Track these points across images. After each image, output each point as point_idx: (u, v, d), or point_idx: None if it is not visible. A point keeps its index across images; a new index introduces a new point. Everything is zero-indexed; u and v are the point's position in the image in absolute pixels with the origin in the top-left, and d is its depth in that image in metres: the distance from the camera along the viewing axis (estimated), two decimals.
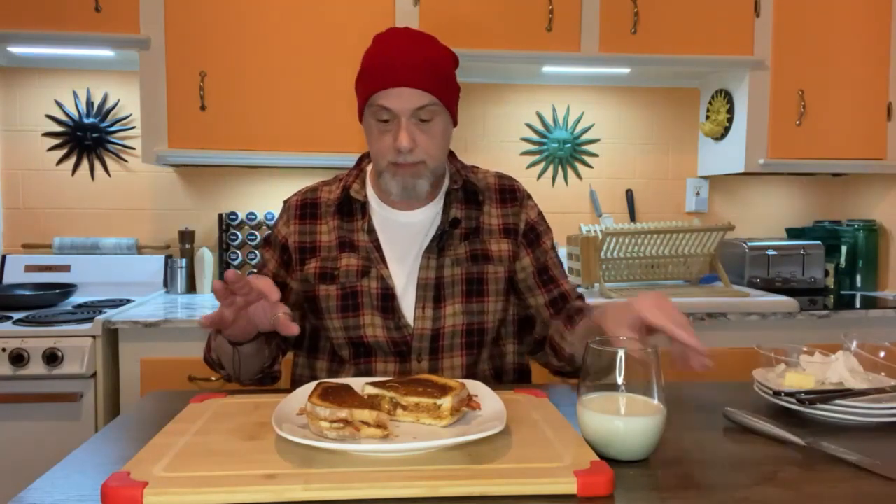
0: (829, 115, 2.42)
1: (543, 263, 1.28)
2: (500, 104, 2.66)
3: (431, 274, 1.20)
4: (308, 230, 1.26)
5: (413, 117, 1.14)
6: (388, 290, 1.19)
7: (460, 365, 1.21)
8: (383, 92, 1.13)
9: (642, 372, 0.79)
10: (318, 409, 0.79)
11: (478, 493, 0.68)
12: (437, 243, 1.21)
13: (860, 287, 2.58)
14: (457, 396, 0.85)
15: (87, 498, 0.69)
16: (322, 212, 1.27)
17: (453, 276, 1.21)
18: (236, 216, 2.49)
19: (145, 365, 1.96)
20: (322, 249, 1.24)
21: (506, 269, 1.24)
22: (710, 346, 0.91)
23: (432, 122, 1.16)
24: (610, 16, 2.29)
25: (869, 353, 1.05)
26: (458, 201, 1.26)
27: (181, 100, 2.19)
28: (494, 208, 1.28)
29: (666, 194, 2.75)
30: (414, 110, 1.13)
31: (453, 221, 1.23)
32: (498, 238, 1.26)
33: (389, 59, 1.13)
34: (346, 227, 1.24)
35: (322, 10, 2.20)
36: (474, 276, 1.22)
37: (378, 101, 1.14)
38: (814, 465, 0.78)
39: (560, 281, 1.28)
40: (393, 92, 1.12)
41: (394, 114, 1.13)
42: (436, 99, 1.14)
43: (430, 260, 1.21)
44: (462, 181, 1.26)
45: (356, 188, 1.25)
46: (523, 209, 1.30)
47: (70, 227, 2.50)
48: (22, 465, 1.84)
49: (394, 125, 1.14)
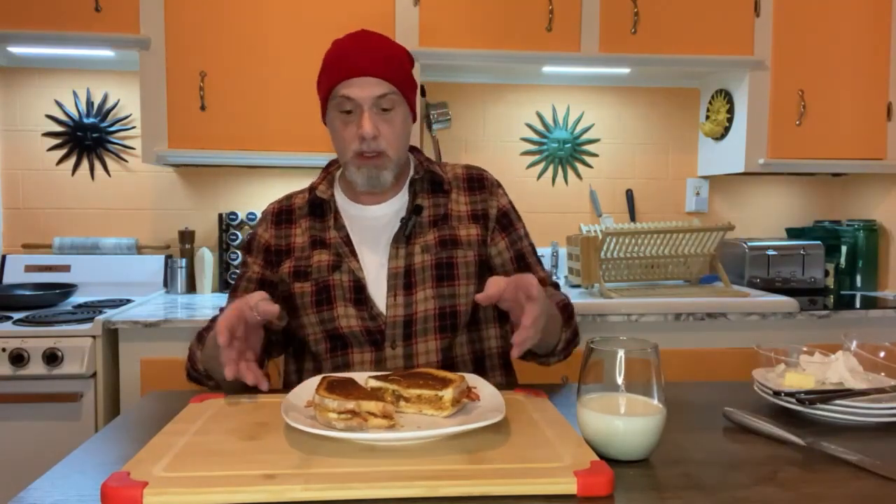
0: (829, 115, 2.42)
1: (520, 250, 1.30)
2: (500, 104, 2.66)
3: (401, 263, 1.23)
4: (283, 234, 1.31)
5: (374, 107, 1.18)
6: (359, 281, 1.22)
7: (435, 349, 1.22)
8: (345, 82, 1.18)
9: (642, 372, 0.79)
10: (327, 401, 0.82)
11: (478, 493, 0.68)
12: (403, 231, 1.24)
13: (860, 287, 2.58)
14: (457, 388, 0.88)
15: (87, 498, 0.69)
16: (296, 216, 1.32)
17: (423, 262, 1.24)
18: (236, 216, 2.49)
19: (145, 365, 1.96)
20: (296, 250, 1.28)
21: (475, 252, 1.26)
22: (710, 346, 0.91)
23: (393, 111, 1.20)
24: (610, 16, 2.29)
25: (869, 353, 1.05)
26: (424, 191, 1.30)
27: (181, 100, 2.19)
28: (462, 195, 1.31)
29: (666, 194, 2.75)
30: (375, 98, 1.18)
31: (416, 208, 1.26)
32: (467, 224, 1.28)
33: (349, 52, 1.19)
34: (317, 226, 1.29)
35: (322, 10, 2.20)
36: (444, 260, 1.24)
37: (340, 91, 1.19)
38: (814, 465, 0.78)
39: (535, 268, 1.31)
40: (355, 81, 1.18)
41: (356, 103, 1.18)
42: (395, 88, 1.19)
43: (399, 249, 1.24)
44: (424, 171, 1.30)
45: (322, 188, 1.30)
46: (493, 196, 1.32)
47: (70, 227, 2.50)
48: (22, 465, 1.84)
49: (356, 116, 1.19)
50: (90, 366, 1.86)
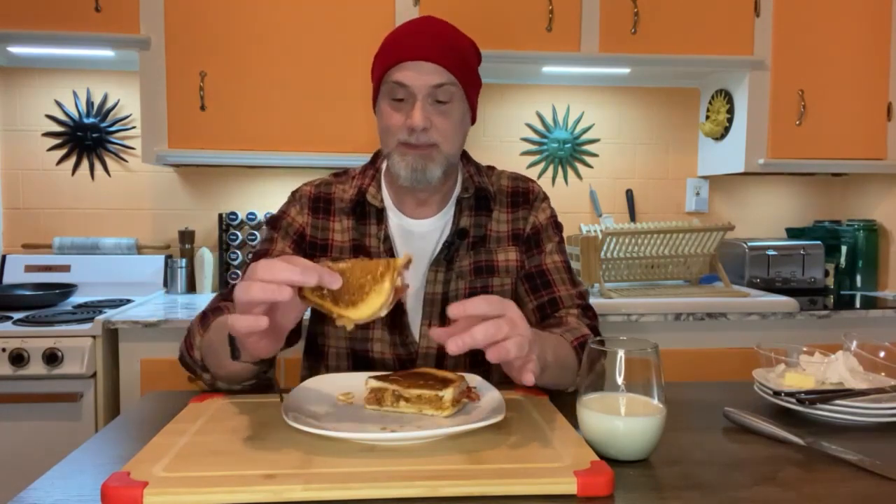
0: (829, 115, 2.42)
1: (539, 268, 1.21)
2: (500, 104, 2.66)
3: (438, 289, 1.16)
4: (321, 225, 1.19)
5: (430, 97, 1.07)
6: (399, 304, 1.11)
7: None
8: (400, 65, 1.06)
9: (642, 372, 0.79)
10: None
11: (478, 493, 0.68)
12: (444, 255, 1.16)
13: (860, 287, 2.58)
14: (457, 388, 0.88)
15: (87, 498, 0.69)
16: (336, 208, 1.20)
17: (458, 290, 1.16)
18: (236, 216, 2.49)
19: (145, 365, 1.96)
20: (334, 249, 1.18)
21: (512, 279, 1.19)
22: (710, 346, 0.91)
23: (450, 104, 1.08)
24: (610, 16, 2.29)
25: (869, 353, 1.05)
26: (469, 209, 1.20)
27: (181, 100, 2.19)
28: (504, 213, 1.22)
29: (666, 194, 2.75)
30: (431, 88, 1.06)
31: (460, 232, 1.18)
32: (506, 247, 1.20)
33: (410, 33, 1.08)
34: (359, 229, 1.18)
35: (322, 9, 2.20)
36: (478, 290, 1.16)
37: (394, 76, 1.07)
38: (814, 465, 0.78)
39: (556, 287, 1.19)
40: (410, 65, 1.06)
41: (409, 91, 1.07)
42: (455, 79, 1.07)
43: (438, 273, 1.16)
44: (474, 188, 1.20)
45: (373, 192, 1.19)
46: (532, 212, 1.23)
47: (70, 227, 2.50)
48: (22, 465, 1.84)
49: (408, 104, 1.08)
50: (90, 366, 1.85)
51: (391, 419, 0.86)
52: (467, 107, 1.12)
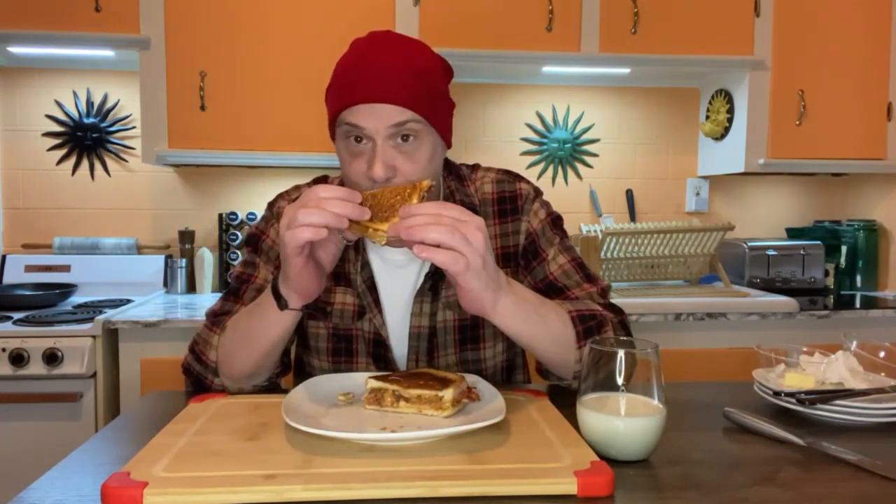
0: (829, 115, 2.42)
1: (546, 280, 1.10)
2: (500, 104, 2.66)
3: (424, 322, 1.08)
4: None
5: (391, 138, 0.95)
6: (381, 338, 1.09)
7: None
8: (353, 108, 0.95)
9: (642, 372, 0.79)
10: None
11: (478, 493, 0.68)
12: (428, 286, 1.08)
13: (860, 287, 2.58)
14: (457, 388, 0.88)
15: (87, 498, 0.69)
16: None
17: (445, 322, 1.09)
18: (236, 216, 2.49)
19: (145, 365, 1.96)
20: None
21: None
22: (710, 346, 0.91)
23: (416, 141, 0.97)
24: (610, 16, 2.29)
25: (869, 353, 1.05)
26: None
27: (181, 100, 2.19)
28: (492, 225, 1.12)
29: (666, 194, 2.75)
30: (390, 128, 0.94)
31: None
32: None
33: (361, 69, 0.95)
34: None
35: (322, 9, 2.20)
36: (467, 321, 1.09)
37: (347, 118, 0.96)
38: (814, 465, 0.78)
39: (570, 292, 1.08)
40: (364, 108, 0.94)
41: (367, 134, 0.95)
42: (419, 116, 0.95)
43: (424, 305, 1.08)
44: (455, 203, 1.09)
45: None
46: (524, 217, 1.12)
47: (70, 227, 2.50)
48: (22, 465, 1.84)
49: (368, 148, 0.96)
50: (90, 366, 1.85)
51: (391, 419, 0.86)
52: (437, 138, 1.01)
